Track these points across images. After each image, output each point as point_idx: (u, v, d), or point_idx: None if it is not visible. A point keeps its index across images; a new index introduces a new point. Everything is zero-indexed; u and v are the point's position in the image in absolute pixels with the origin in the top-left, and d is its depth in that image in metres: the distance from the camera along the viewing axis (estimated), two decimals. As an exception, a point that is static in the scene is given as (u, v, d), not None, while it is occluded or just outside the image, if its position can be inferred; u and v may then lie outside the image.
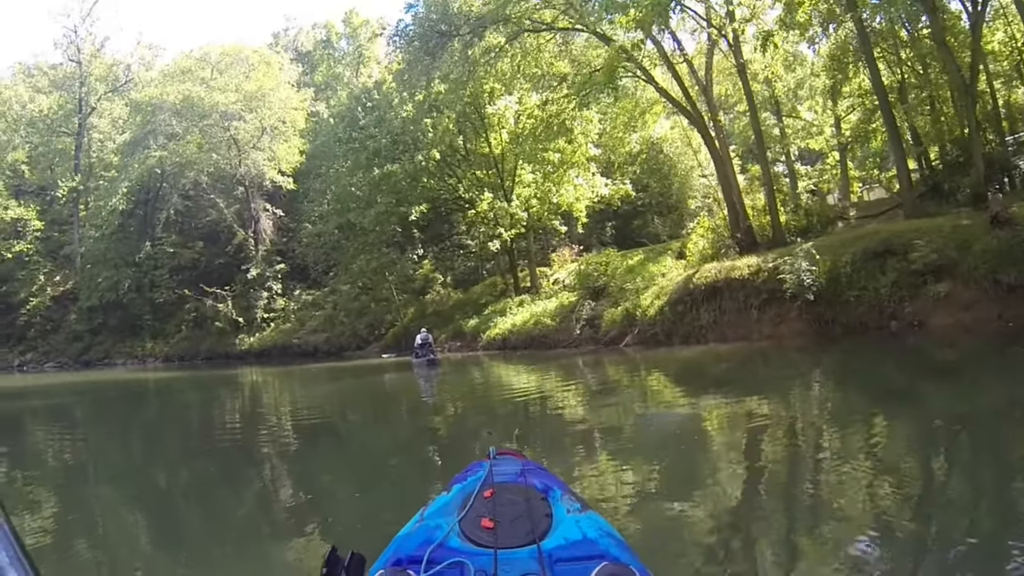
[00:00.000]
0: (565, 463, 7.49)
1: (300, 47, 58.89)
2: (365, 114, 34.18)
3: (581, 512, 2.73)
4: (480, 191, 30.94)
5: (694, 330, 19.61)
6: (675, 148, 38.27)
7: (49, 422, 17.97)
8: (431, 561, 2.28)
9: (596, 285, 25.26)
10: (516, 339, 26.12)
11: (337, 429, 12.97)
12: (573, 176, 31.29)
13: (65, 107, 51.61)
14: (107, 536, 6.65)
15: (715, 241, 24.51)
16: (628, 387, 14.74)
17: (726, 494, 6.14)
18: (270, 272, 41.99)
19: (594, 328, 23.60)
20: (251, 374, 30.85)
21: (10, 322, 48.10)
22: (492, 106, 30.22)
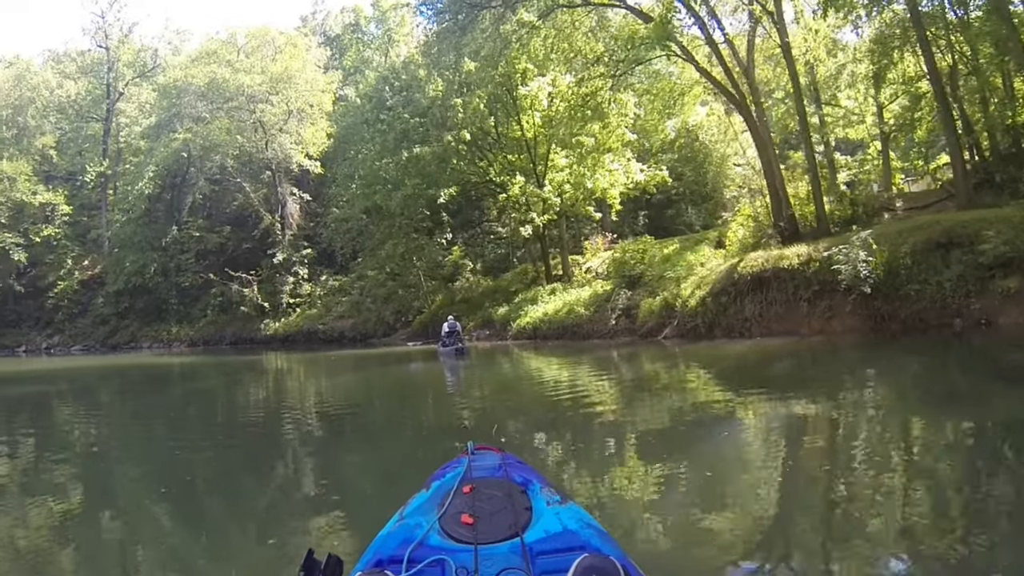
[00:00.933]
0: (591, 460, 7.30)
1: (328, 31, 58.80)
2: (393, 94, 33.59)
3: (561, 504, 2.74)
4: (512, 175, 30.21)
5: (738, 323, 18.83)
6: (711, 135, 37.35)
7: (76, 405, 18.24)
8: (412, 560, 2.28)
9: (632, 274, 24.61)
10: (547, 329, 25.47)
11: (361, 418, 12.61)
12: (608, 161, 30.13)
13: (93, 92, 52.59)
14: (129, 516, 6.74)
15: (756, 230, 23.57)
16: (665, 382, 14.08)
17: (754, 497, 5.78)
18: (296, 257, 42.00)
19: (630, 319, 22.88)
20: (276, 360, 30.77)
21: (39, 305, 49.15)
22: (525, 87, 29.23)
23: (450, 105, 30.42)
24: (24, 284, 49.50)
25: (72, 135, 53.73)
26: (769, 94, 31.73)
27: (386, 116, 32.79)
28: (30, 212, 50.23)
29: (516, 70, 29.62)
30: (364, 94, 38.18)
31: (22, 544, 5.84)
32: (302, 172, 43.32)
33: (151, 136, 45.69)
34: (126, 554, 5.68)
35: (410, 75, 34.13)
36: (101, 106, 52.49)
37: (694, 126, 36.72)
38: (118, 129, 51.96)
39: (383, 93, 34.72)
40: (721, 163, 37.79)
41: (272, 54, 44.23)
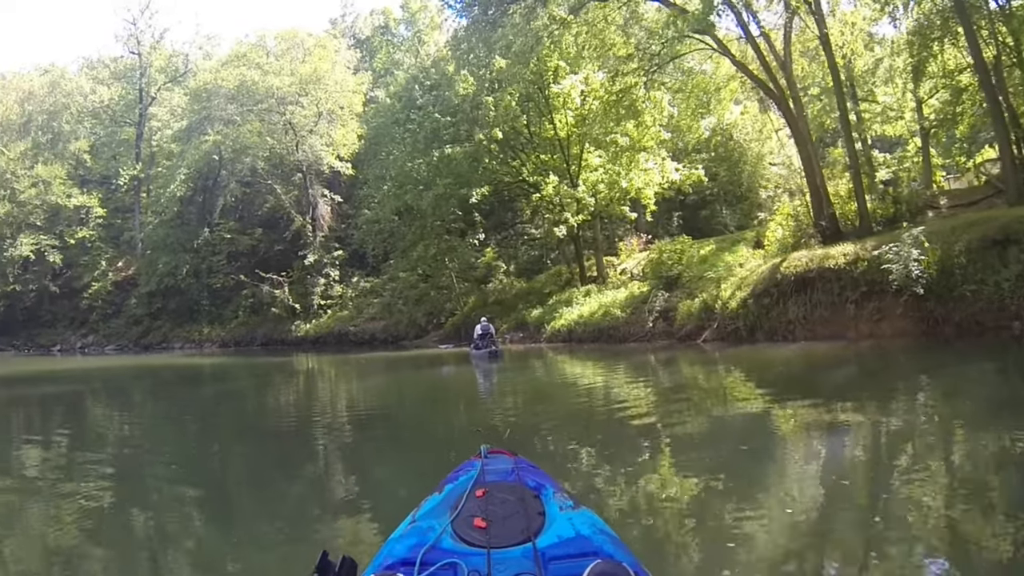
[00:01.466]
0: (623, 471, 7.09)
1: (358, 33, 59.29)
2: (423, 93, 33.50)
3: (574, 509, 2.74)
4: (545, 175, 29.98)
5: (780, 325, 18.31)
6: (745, 134, 36.74)
7: (109, 403, 18.65)
8: (424, 563, 2.29)
9: (670, 274, 24.10)
10: (582, 331, 25.11)
11: (392, 422, 12.52)
12: (642, 160, 29.71)
13: (126, 98, 54.14)
14: (160, 513, 6.88)
15: (796, 229, 22.95)
16: (704, 389, 13.70)
17: (791, 514, 5.51)
18: (327, 258, 42.25)
19: (668, 321, 22.46)
20: (307, 361, 30.90)
21: (74, 305, 50.48)
22: (557, 85, 29.00)
23: (481, 103, 30.21)
24: (59, 285, 51.01)
25: (106, 139, 55.26)
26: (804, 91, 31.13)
27: (416, 116, 32.85)
28: (65, 215, 51.77)
29: (548, 68, 29.44)
30: (394, 94, 38.18)
31: (55, 539, 5.98)
32: (333, 174, 43.63)
33: (182, 139, 46.67)
34: (156, 551, 5.77)
35: (440, 73, 34.12)
36: (134, 111, 53.87)
37: (728, 125, 36.09)
38: (151, 133, 53.21)
39: (413, 92, 34.80)
40: (756, 162, 37.28)
41: (302, 56, 44.76)
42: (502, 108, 29.59)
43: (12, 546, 5.84)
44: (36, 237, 49.72)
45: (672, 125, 30.86)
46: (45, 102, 56.32)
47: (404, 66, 47.05)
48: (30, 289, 50.57)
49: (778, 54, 23.93)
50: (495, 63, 29.75)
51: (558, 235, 29.29)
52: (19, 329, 51.41)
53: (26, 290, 50.42)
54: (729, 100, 33.07)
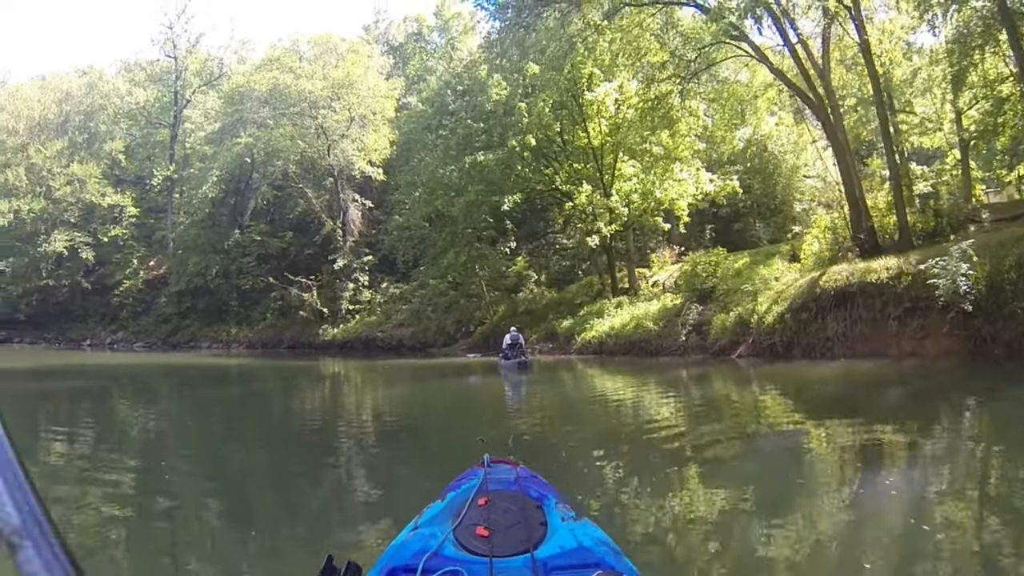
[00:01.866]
0: (650, 487, 7.07)
1: (391, 40, 59.62)
2: (456, 98, 33.43)
3: (576, 520, 2.76)
4: (578, 184, 29.77)
5: (819, 342, 17.82)
6: (780, 146, 36.31)
7: (136, 400, 19.04)
8: (426, 570, 2.31)
9: (704, 287, 23.63)
10: (614, 344, 24.77)
11: (416, 433, 12.53)
12: (677, 171, 29.41)
13: (162, 100, 55.30)
14: (181, 508, 7.07)
15: (833, 243, 22.41)
16: (737, 406, 13.40)
17: (816, 536, 5.44)
18: (357, 263, 42.29)
19: (701, 335, 22.06)
20: (333, 365, 31.02)
21: (105, 302, 51.34)
22: (591, 93, 28.70)
23: (514, 109, 30.12)
24: (92, 281, 52.00)
25: (142, 141, 56.35)
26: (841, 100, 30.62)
27: (448, 122, 32.81)
28: (99, 213, 52.80)
29: (582, 75, 29.24)
30: (426, 99, 38.23)
31: (76, 530, 6.07)
32: (365, 179, 43.80)
33: (215, 141, 47.35)
34: (173, 548, 5.88)
35: (473, 79, 34.02)
36: (169, 113, 54.86)
37: (763, 136, 35.69)
38: (185, 135, 54.12)
39: (445, 98, 34.74)
40: (791, 175, 36.82)
41: (335, 61, 45.12)
42: (535, 114, 29.49)
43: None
44: (70, 234, 50.73)
45: (706, 136, 30.51)
46: (83, 103, 57.63)
47: (437, 73, 47.14)
48: (63, 284, 51.63)
49: (816, 62, 23.53)
50: (528, 69, 29.72)
51: (591, 245, 28.92)
52: (51, 323, 52.44)
53: (59, 285, 51.52)
54: (766, 110, 32.66)
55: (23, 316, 52.57)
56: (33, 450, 10.27)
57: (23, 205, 50.91)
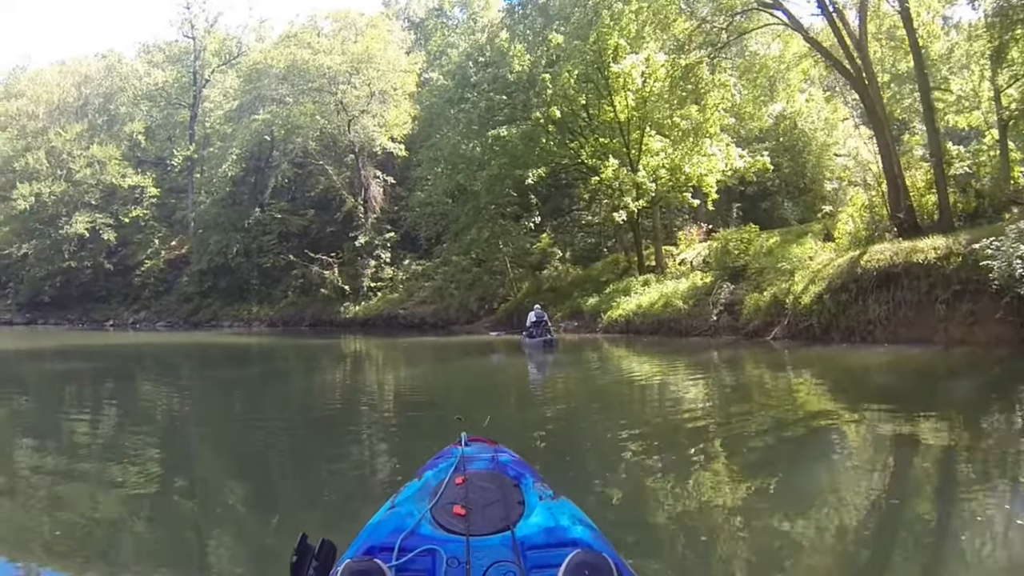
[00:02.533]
0: (674, 475, 6.76)
1: (411, 16, 59.03)
2: (478, 70, 32.78)
3: (553, 499, 2.79)
4: (604, 158, 29.07)
5: (859, 325, 17.12)
6: (810, 123, 35.33)
7: (159, 379, 19.28)
8: (403, 549, 2.32)
9: (735, 265, 22.84)
10: (641, 322, 24.33)
11: (439, 413, 11.93)
12: (706, 145, 28.72)
13: (181, 80, 55.54)
14: (202, 486, 7.22)
15: (871, 222, 21.40)
16: (770, 391, 12.81)
17: (839, 530, 5.17)
18: (379, 240, 42.13)
19: (733, 315, 21.53)
20: (354, 343, 30.96)
21: (127, 282, 52.13)
22: (617, 65, 27.85)
23: (537, 79, 29.46)
24: (114, 263, 52.62)
25: (162, 122, 56.67)
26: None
27: (471, 95, 32.16)
28: (120, 194, 53.37)
29: (607, 46, 28.37)
30: (447, 72, 37.48)
31: (100, 507, 6.34)
32: (386, 155, 43.53)
33: (234, 119, 47.43)
34: (193, 524, 6.01)
35: (495, 51, 33.25)
36: (188, 93, 55.03)
37: (793, 113, 34.63)
38: (204, 115, 54.23)
39: (467, 71, 33.96)
40: (821, 153, 35.85)
41: (354, 37, 44.65)
42: (560, 85, 28.78)
43: (57, 516, 6.04)
44: (91, 216, 51.21)
45: (735, 111, 29.53)
46: (101, 85, 58.01)
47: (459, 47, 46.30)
48: (85, 266, 52.18)
49: (852, 32, 22.43)
50: (552, 38, 29.04)
51: (617, 220, 28.28)
52: (74, 304, 53.11)
53: (81, 267, 52.07)
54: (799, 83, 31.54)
55: (47, 298, 53.34)
56: (57, 429, 10.58)
57: (44, 188, 51.43)
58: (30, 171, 52.27)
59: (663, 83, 27.75)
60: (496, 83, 31.39)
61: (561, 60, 29.32)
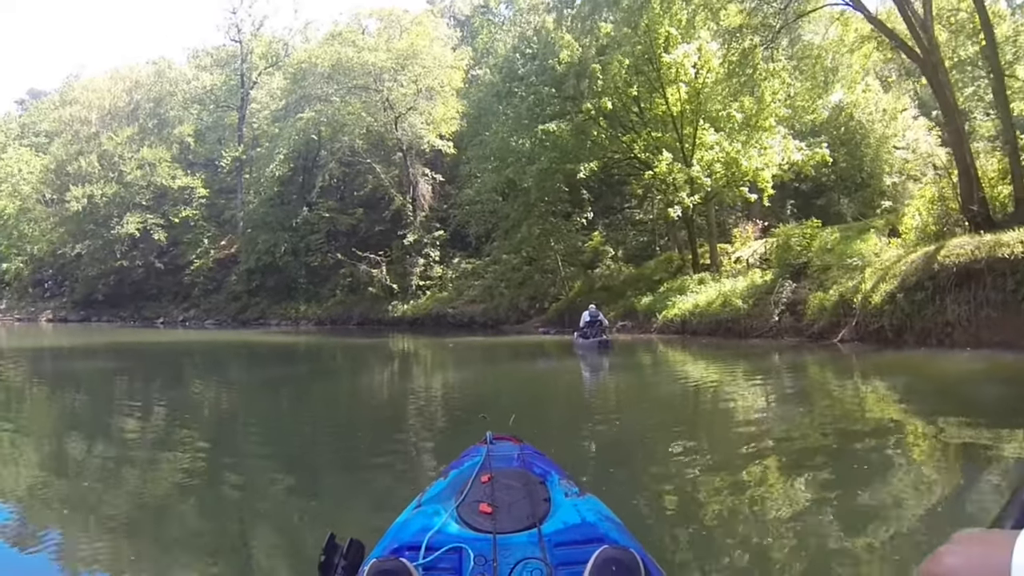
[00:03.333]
0: (730, 479, 6.53)
1: (457, 13, 59.13)
2: (525, 62, 32.27)
3: (579, 496, 2.81)
4: (657, 152, 28.33)
5: (936, 327, 15.95)
6: (868, 114, 33.97)
7: (208, 376, 19.82)
8: (430, 547, 2.34)
9: (797, 262, 21.87)
10: (698, 323, 23.64)
11: (486, 413, 11.25)
12: (763, 138, 28.01)
13: (228, 83, 57.03)
14: (247, 479, 7.31)
15: (941, 216, 20.25)
16: (836, 397, 11.85)
17: (898, 546, 4.77)
18: (428, 239, 42.13)
19: (795, 315, 20.60)
20: (402, 342, 30.92)
21: (178, 281, 53.43)
22: (669, 55, 27.19)
23: (587, 70, 28.91)
24: (165, 262, 54.13)
25: (212, 124, 58.24)
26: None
27: (518, 88, 31.71)
28: (171, 195, 54.81)
29: (658, 35, 27.75)
30: (494, 65, 37.06)
31: (145, 499, 6.51)
32: (435, 153, 43.54)
33: (280, 119, 48.13)
34: (242, 515, 6.19)
35: (542, 43, 32.71)
36: (236, 96, 56.30)
37: (850, 104, 33.47)
38: (251, 116, 55.41)
39: (514, 64, 33.50)
40: (879, 146, 34.40)
41: (398, 34, 44.82)
42: (611, 75, 28.15)
43: (107, 503, 6.30)
44: (142, 216, 52.75)
45: (790, 103, 28.56)
46: (152, 90, 59.48)
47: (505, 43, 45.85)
48: (137, 265, 53.82)
49: (916, 12, 21.28)
50: (601, 28, 28.57)
51: (672, 216, 27.60)
52: (127, 302, 54.75)
53: (133, 266, 53.71)
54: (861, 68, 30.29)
55: (101, 296, 55.26)
56: (106, 423, 10.91)
57: (96, 190, 53.09)
58: (83, 174, 54.08)
59: (716, 73, 27.12)
60: (544, 75, 30.88)
61: (611, 49, 28.74)
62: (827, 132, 33.28)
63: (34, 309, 61.14)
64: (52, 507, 6.24)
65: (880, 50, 26.76)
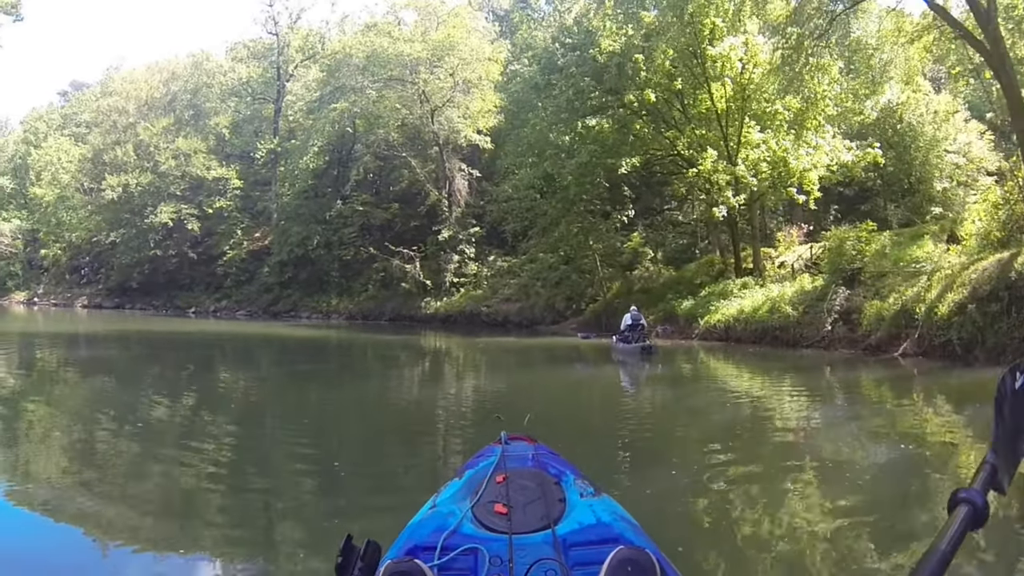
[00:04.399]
0: (768, 490, 6.47)
1: (496, 8, 58.36)
2: (564, 52, 31.31)
3: (595, 496, 2.80)
4: (701, 149, 27.29)
5: (1012, 343, 14.57)
6: (918, 116, 32.19)
7: (238, 367, 19.97)
8: (445, 548, 2.34)
9: (852, 267, 20.60)
10: (742, 330, 22.61)
11: (519, 427, 10.33)
12: (811, 137, 26.72)
13: (265, 76, 57.04)
14: (273, 471, 7.53)
15: (1007, 221, 18.89)
16: (895, 420, 10.50)
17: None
18: (463, 235, 41.31)
19: (849, 325, 19.25)
20: (435, 340, 30.44)
21: (210, 272, 53.62)
22: (714, 47, 26.16)
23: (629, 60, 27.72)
24: (199, 252, 54.36)
25: (249, 117, 58.42)
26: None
27: (557, 79, 30.65)
28: (206, 186, 55.04)
29: (703, 26, 26.59)
30: (533, 55, 36.34)
31: (175, 485, 6.82)
32: (471, 148, 42.72)
33: (315, 111, 47.87)
34: (267, 505, 6.37)
35: (583, 32, 31.62)
36: (273, 88, 56.29)
37: (899, 105, 31.77)
38: (287, 108, 55.30)
39: (554, 55, 32.55)
40: (928, 150, 32.36)
41: (435, 26, 43.99)
42: (654, 67, 27.15)
43: (136, 490, 6.55)
44: (176, 206, 53.03)
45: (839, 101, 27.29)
46: (189, 81, 60.24)
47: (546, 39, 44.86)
48: (171, 254, 54.05)
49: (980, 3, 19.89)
50: (643, 17, 27.58)
51: (717, 216, 26.34)
52: (160, 291, 55.28)
53: (167, 255, 54.03)
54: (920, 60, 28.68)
55: (135, 284, 55.95)
56: (136, 411, 11.06)
57: (131, 179, 53.88)
58: (119, 163, 54.87)
59: (763, 68, 26.04)
60: (584, 66, 29.73)
61: (654, 39, 27.64)
62: (874, 134, 31.75)
63: (70, 295, 62.68)
64: (82, 488, 6.51)
65: (942, 41, 25.30)
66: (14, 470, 7.39)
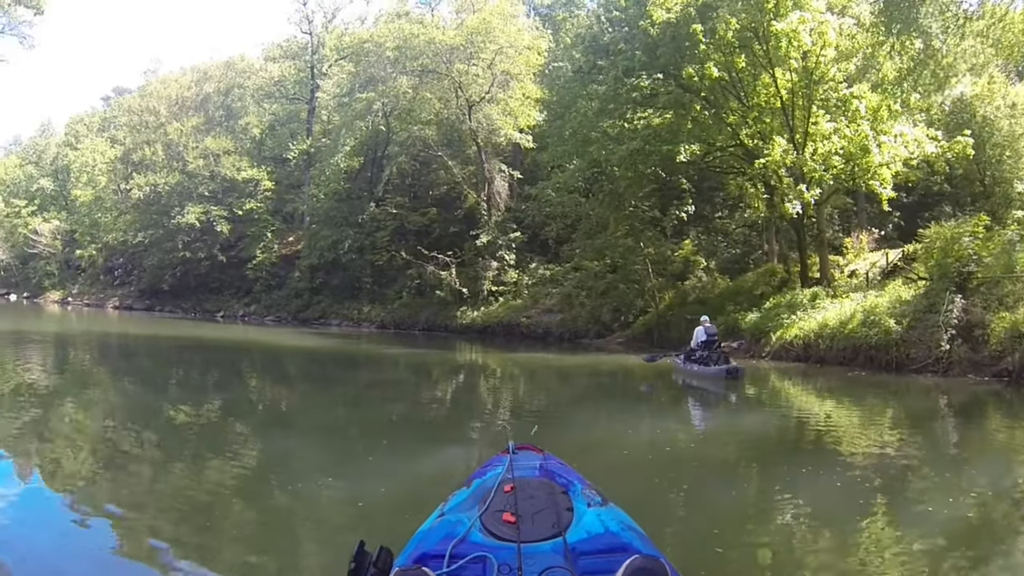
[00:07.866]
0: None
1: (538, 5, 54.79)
2: (612, 28, 27.93)
3: (602, 506, 2.79)
4: (765, 139, 23.81)
5: None
6: (995, 110, 28.08)
7: (263, 376, 19.81)
8: (454, 556, 2.31)
9: (966, 270, 16.84)
10: (827, 348, 18.77)
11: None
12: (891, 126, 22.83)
13: (299, 76, 55.39)
14: (296, 481, 7.46)
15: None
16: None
17: None
18: (503, 240, 37.73)
19: (970, 343, 15.28)
20: (471, 354, 27.63)
21: (241, 276, 51.34)
22: (780, 22, 22.32)
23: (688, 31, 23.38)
24: (229, 255, 52.27)
25: (283, 118, 56.77)
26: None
27: (604, 63, 27.08)
28: (237, 188, 53.28)
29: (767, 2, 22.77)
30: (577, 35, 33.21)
31: (197, 488, 7.03)
32: (512, 149, 39.71)
33: (345, 106, 45.53)
34: (291, 512, 6.40)
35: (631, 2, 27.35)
36: (306, 88, 54.53)
37: (972, 96, 27.81)
38: (320, 108, 53.46)
39: (600, 36, 29.18)
40: (1006, 147, 28.33)
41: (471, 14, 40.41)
42: (716, 38, 23.32)
43: (159, 489, 6.94)
44: (204, 207, 51.44)
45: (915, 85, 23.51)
46: (221, 82, 58.94)
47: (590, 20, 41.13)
48: (200, 257, 52.31)
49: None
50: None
51: (791, 212, 22.47)
52: (190, 294, 53.70)
53: (197, 257, 52.32)
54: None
55: (166, 287, 54.97)
56: (160, 416, 11.51)
57: (159, 179, 53.10)
58: (147, 163, 54.24)
59: (833, 48, 22.71)
60: (634, 41, 26.03)
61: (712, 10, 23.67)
62: (944, 129, 27.59)
63: (103, 296, 62.76)
64: (110, 487, 6.87)
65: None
66: (41, 470, 7.61)
